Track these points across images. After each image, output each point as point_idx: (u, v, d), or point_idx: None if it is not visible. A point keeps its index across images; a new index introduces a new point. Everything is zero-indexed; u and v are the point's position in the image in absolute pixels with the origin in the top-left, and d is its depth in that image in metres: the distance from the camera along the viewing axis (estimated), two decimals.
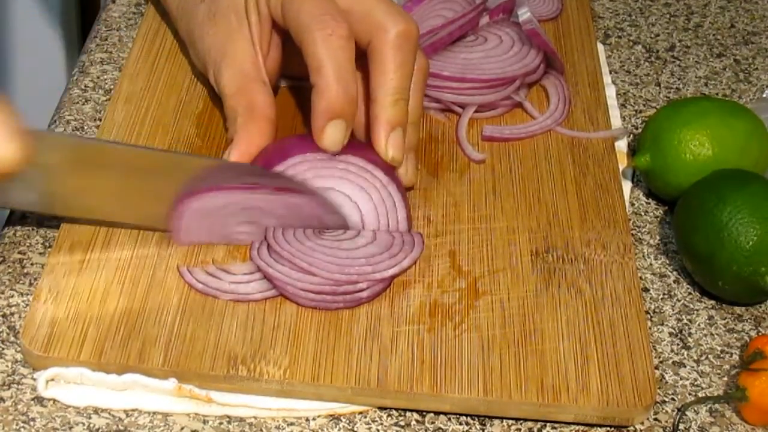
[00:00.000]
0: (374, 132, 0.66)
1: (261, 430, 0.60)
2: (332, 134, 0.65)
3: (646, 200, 0.76)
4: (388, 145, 0.66)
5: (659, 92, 0.86)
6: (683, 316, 0.69)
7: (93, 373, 0.60)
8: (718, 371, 0.66)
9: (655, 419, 0.62)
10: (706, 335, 0.68)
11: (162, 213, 0.64)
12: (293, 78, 0.76)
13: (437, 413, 0.61)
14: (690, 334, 0.68)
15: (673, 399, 0.64)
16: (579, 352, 0.63)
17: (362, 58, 0.67)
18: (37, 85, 1.51)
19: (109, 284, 0.63)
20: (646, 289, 0.70)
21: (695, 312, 0.69)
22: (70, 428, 0.59)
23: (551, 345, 0.63)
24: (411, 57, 0.67)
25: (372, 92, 0.66)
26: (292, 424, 0.60)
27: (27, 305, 0.64)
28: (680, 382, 0.65)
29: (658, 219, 0.75)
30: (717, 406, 0.64)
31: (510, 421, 0.62)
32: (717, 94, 0.86)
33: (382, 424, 0.61)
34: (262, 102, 0.69)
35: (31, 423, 0.59)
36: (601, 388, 0.61)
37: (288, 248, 0.64)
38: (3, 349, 0.62)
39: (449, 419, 0.61)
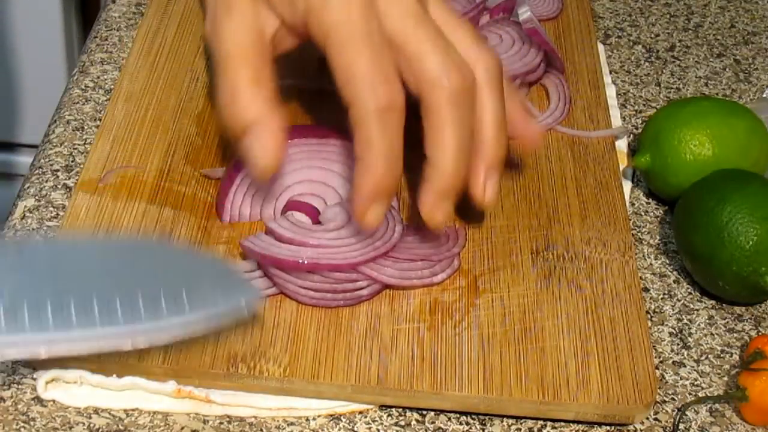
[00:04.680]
0: (422, 194, 0.62)
1: (261, 429, 0.60)
2: (376, 213, 0.61)
3: (646, 200, 0.76)
4: (433, 210, 0.62)
5: (659, 92, 0.86)
6: (683, 316, 0.69)
7: (92, 375, 0.60)
8: (718, 371, 0.66)
9: (655, 419, 0.62)
10: (706, 335, 0.68)
11: None
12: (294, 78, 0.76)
13: (437, 413, 0.61)
14: (690, 334, 0.68)
15: (673, 399, 0.64)
16: (579, 349, 0.63)
17: None
18: (37, 85, 1.51)
19: None
20: (646, 289, 0.70)
21: (695, 312, 0.69)
22: (70, 428, 0.58)
23: (551, 343, 0.63)
24: (468, 112, 0.61)
25: (427, 149, 0.61)
26: (292, 423, 0.60)
27: None
28: (680, 382, 0.65)
29: (658, 219, 0.75)
30: (717, 406, 0.64)
31: (510, 421, 0.61)
32: (717, 94, 0.86)
33: (382, 423, 0.61)
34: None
35: (31, 423, 0.58)
36: (602, 385, 0.61)
37: None
38: None
39: (449, 419, 0.61)
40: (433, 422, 0.61)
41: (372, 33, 0.59)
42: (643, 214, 0.75)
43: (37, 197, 0.70)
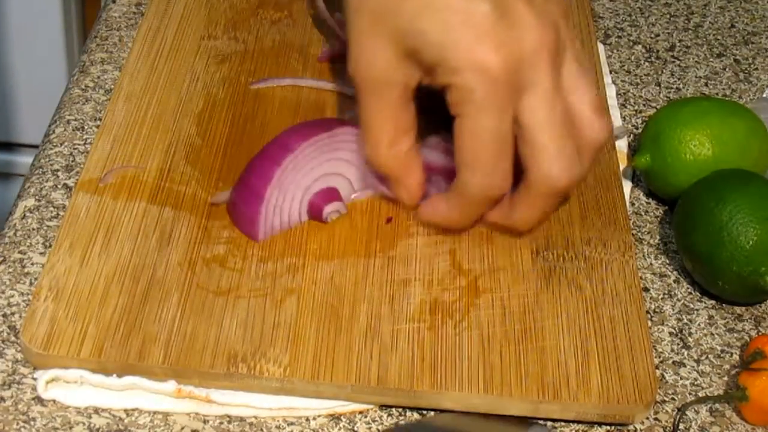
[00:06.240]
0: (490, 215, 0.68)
1: (261, 429, 0.60)
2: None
3: (646, 200, 0.76)
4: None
5: (659, 92, 0.86)
6: (683, 316, 0.69)
7: (93, 375, 0.60)
8: (718, 371, 0.66)
9: (656, 419, 0.62)
10: (706, 335, 0.68)
11: None
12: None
13: (437, 412, 0.61)
14: (690, 334, 0.68)
15: (673, 399, 0.64)
16: (579, 349, 0.63)
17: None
18: (37, 85, 1.51)
19: (109, 282, 0.63)
20: (646, 289, 0.70)
21: (695, 312, 0.69)
22: (70, 428, 0.58)
23: (552, 343, 0.63)
24: (557, 203, 0.66)
25: (513, 206, 0.66)
26: (292, 423, 0.60)
27: (27, 305, 0.64)
28: (680, 382, 0.65)
29: (658, 219, 0.75)
30: (717, 405, 0.64)
31: None
32: (717, 94, 0.86)
33: (382, 423, 0.61)
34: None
35: (31, 423, 0.58)
36: (602, 385, 0.61)
37: None
38: (3, 348, 0.62)
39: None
40: None
41: (500, 117, 0.61)
42: (643, 214, 0.75)
43: (37, 197, 0.70)
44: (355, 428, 0.60)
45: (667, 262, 0.72)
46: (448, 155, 0.66)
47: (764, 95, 0.85)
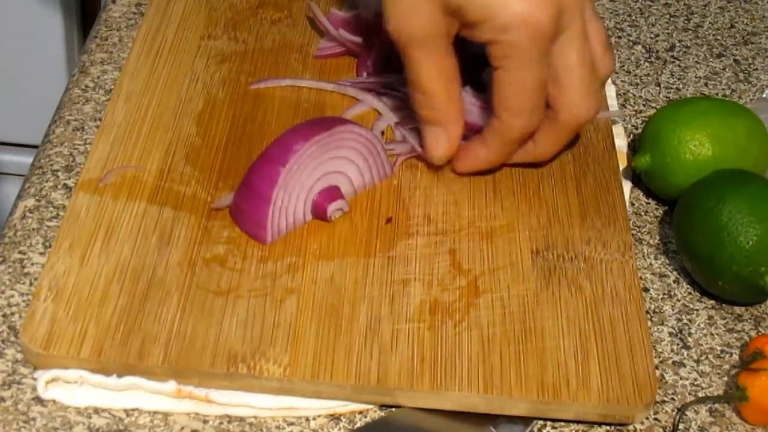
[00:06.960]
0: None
1: (261, 429, 0.60)
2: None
3: (646, 200, 0.76)
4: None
5: (659, 92, 0.86)
6: (683, 316, 0.69)
7: (93, 375, 0.60)
8: (718, 371, 0.66)
9: (655, 419, 0.62)
10: (706, 335, 0.68)
11: None
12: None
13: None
14: (690, 334, 0.68)
15: (673, 399, 0.64)
16: (579, 349, 0.63)
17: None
18: (37, 85, 1.51)
19: (109, 282, 0.63)
20: (646, 289, 0.70)
21: (695, 312, 0.69)
22: (70, 428, 0.59)
23: (551, 343, 0.63)
24: (575, 133, 0.71)
25: (537, 137, 0.71)
26: (292, 423, 0.60)
27: (27, 305, 0.64)
28: (680, 382, 0.65)
29: (658, 219, 0.75)
30: (717, 405, 0.64)
31: None
32: (717, 94, 0.86)
33: None
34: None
35: (31, 423, 0.58)
36: (602, 385, 0.61)
37: None
38: (3, 348, 0.62)
39: None
40: None
41: (541, 67, 0.66)
42: (643, 214, 0.75)
43: (37, 197, 0.70)
44: (355, 428, 0.60)
45: (667, 262, 0.72)
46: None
47: (764, 95, 0.85)
